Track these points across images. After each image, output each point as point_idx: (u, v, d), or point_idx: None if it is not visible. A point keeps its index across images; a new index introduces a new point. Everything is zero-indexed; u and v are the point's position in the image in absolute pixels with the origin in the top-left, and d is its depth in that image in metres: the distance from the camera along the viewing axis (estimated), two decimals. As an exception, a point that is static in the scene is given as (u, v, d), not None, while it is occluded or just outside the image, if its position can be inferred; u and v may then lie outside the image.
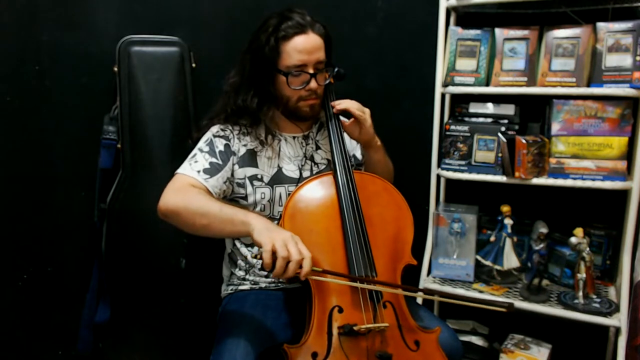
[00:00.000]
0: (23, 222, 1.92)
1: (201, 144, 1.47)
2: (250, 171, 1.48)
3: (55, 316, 1.99)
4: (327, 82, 1.50)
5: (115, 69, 1.80)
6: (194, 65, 1.87)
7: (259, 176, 1.49)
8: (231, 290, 1.56)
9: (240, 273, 1.55)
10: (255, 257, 1.19)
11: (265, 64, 1.43)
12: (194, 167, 1.40)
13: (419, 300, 1.81)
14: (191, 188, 1.36)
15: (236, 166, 1.47)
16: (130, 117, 1.81)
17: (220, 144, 1.46)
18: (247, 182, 1.48)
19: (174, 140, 1.82)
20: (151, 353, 1.87)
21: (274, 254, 1.15)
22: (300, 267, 1.16)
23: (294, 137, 1.55)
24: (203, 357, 1.43)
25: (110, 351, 1.88)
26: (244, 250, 1.54)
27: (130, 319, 1.86)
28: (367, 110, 1.51)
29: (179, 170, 1.42)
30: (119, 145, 1.83)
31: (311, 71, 1.43)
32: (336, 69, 1.51)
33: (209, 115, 1.54)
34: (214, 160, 1.43)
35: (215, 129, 1.49)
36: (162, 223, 1.35)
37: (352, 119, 1.51)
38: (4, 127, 1.85)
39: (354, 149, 1.66)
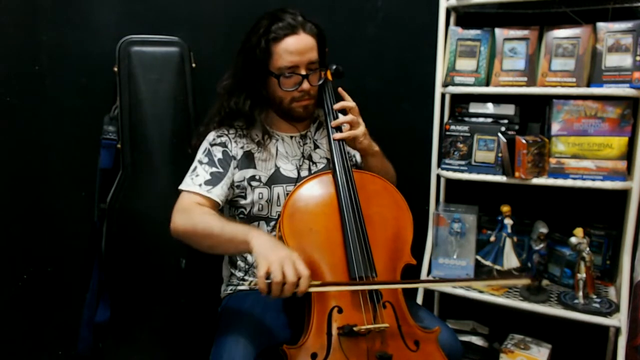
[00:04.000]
0: (23, 222, 1.92)
1: (200, 155, 1.47)
2: (249, 172, 1.48)
3: (55, 316, 1.99)
4: (322, 81, 1.49)
5: (115, 69, 1.80)
6: (194, 65, 1.87)
7: (257, 177, 1.49)
8: (231, 290, 1.56)
9: (240, 274, 1.55)
10: (250, 284, 1.21)
11: (256, 66, 1.42)
12: (195, 181, 1.41)
13: (419, 301, 1.81)
14: (196, 207, 1.37)
15: (236, 169, 1.47)
16: (130, 117, 1.81)
17: (218, 152, 1.46)
18: (246, 183, 1.48)
19: (174, 140, 1.82)
20: (151, 353, 1.87)
21: (268, 277, 1.15)
22: (297, 285, 1.16)
23: (291, 137, 1.55)
24: (202, 357, 1.42)
25: (110, 351, 1.87)
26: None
27: (130, 319, 1.86)
28: (361, 122, 1.48)
29: (182, 187, 1.43)
30: (118, 145, 1.83)
31: (303, 72, 1.42)
32: (334, 67, 1.50)
33: (205, 121, 1.54)
34: (214, 169, 1.43)
35: (211, 136, 1.49)
36: (162, 223, 1.35)
37: (347, 127, 1.48)
38: (4, 127, 1.85)
39: (355, 152, 1.65)
